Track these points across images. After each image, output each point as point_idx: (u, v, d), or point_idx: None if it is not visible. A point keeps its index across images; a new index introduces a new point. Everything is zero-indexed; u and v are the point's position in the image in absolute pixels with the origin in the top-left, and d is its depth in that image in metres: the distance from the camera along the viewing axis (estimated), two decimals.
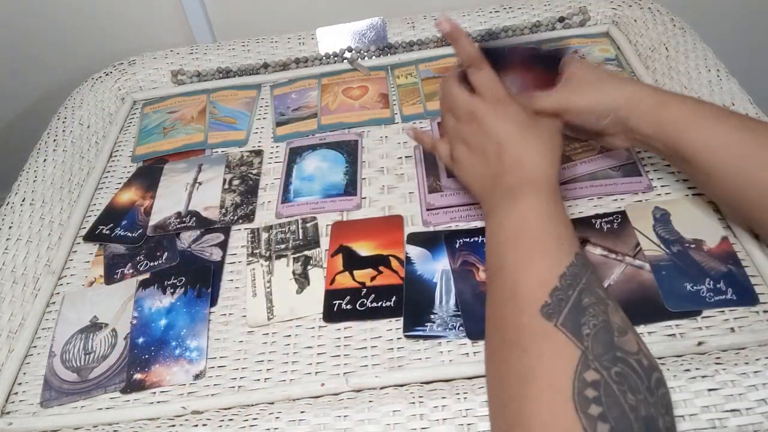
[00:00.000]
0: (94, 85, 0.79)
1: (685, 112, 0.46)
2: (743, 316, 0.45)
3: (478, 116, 0.46)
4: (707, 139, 0.45)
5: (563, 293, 0.37)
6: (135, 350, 0.50)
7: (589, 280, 0.38)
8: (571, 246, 0.40)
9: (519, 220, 0.42)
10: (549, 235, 0.41)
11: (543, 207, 0.42)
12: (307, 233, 0.58)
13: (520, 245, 0.41)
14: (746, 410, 0.39)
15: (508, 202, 0.43)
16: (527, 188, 0.43)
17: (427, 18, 0.79)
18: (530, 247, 0.40)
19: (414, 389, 0.44)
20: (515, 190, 0.43)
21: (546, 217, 0.42)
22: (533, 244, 0.40)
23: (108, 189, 0.67)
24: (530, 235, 0.41)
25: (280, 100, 0.75)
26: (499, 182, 0.45)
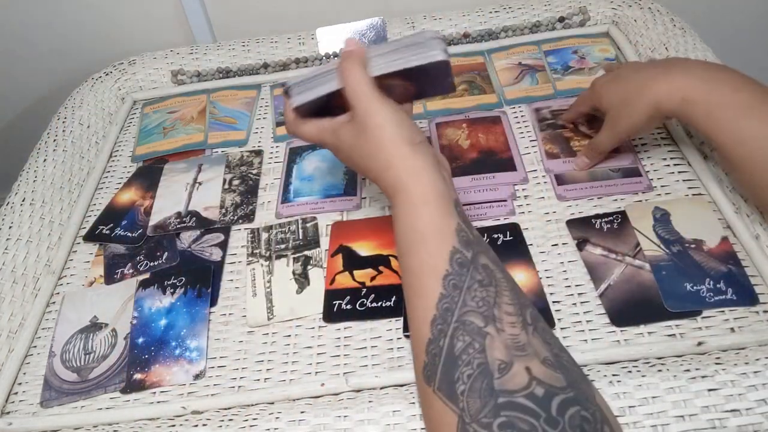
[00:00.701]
0: (94, 85, 0.79)
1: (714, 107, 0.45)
2: (743, 316, 0.45)
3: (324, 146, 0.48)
4: (737, 132, 0.44)
5: (436, 345, 0.34)
6: (135, 350, 0.50)
7: (463, 307, 0.34)
8: (437, 266, 0.36)
9: (397, 242, 0.40)
10: (413, 263, 0.38)
11: (398, 227, 0.40)
12: (307, 233, 0.58)
13: (403, 278, 0.39)
14: (746, 410, 0.39)
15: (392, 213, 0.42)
16: (393, 199, 0.41)
17: (427, 18, 0.79)
18: (406, 285, 0.38)
19: (414, 389, 0.44)
20: (391, 201, 0.42)
21: (404, 242, 0.39)
22: (407, 281, 0.38)
23: (108, 189, 0.67)
24: (405, 266, 0.39)
25: (280, 100, 0.75)
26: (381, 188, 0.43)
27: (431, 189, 0.39)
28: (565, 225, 0.54)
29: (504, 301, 0.34)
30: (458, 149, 0.63)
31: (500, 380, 0.31)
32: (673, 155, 0.58)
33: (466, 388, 0.31)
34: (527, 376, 0.31)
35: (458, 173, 0.60)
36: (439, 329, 0.34)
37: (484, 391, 0.31)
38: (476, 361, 0.32)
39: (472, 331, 0.33)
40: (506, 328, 0.33)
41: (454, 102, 0.69)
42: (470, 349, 0.32)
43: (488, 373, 0.31)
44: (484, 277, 0.35)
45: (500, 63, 0.73)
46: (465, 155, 0.62)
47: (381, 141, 0.41)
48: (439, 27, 0.78)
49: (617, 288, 0.48)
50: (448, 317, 0.34)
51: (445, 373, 0.32)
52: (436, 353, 0.33)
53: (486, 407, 0.30)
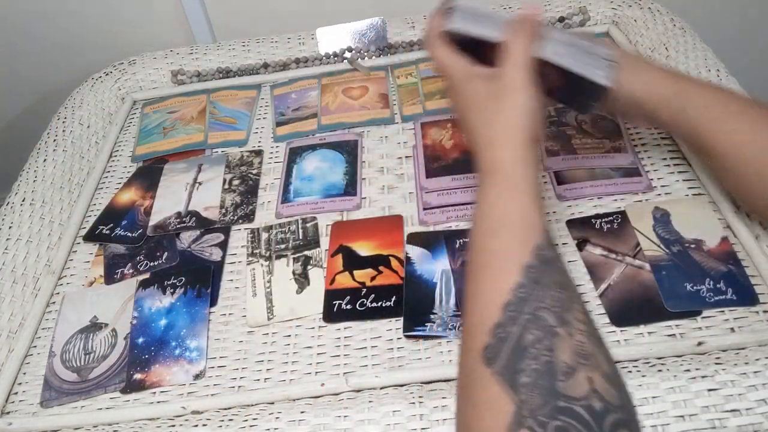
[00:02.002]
0: (94, 85, 0.79)
1: (705, 103, 0.44)
2: (743, 316, 0.45)
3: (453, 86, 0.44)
4: (725, 131, 0.43)
5: (504, 330, 0.33)
6: (135, 350, 0.50)
7: (539, 301, 0.34)
8: (521, 254, 0.36)
9: (478, 219, 0.39)
10: (496, 245, 0.37)
11: (485, 206, 0.39)
12: (307, 233, 0.58)
13: (473, 261, 0.38)
14: (746, 410, 0.39)
15: (478, 189, 0.41)
16: (488, 176, 0.40)
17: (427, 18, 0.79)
18: (480, 264, 0.37)
19: (414, 389, 0.44)
20: (480, 177, 0.41)
21: (488, 221, 0.38)
22: (482, 261, 0.37)
23: (108, 189, 0.67)
24: (481, 246, 0.38)
25: (280, 100, 0.75)
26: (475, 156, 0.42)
27: (532, 185, 0.39)
28: (565, 225, 0.54)
29: (576, 307, 0.34)
30: (441, 149, 0.63)
31: (563, 384, 0.31)
32: (673, 155, 0.58)
33: (530, 382, 0.31)
34: (588, 387, 0.31)
35: (440, 173, 0.60)
36: (510, 315, 0.33)
37: (546, 390, 0.31)
38: (544, 359, 0.32)
39: (544, 328, 0.33)
40: (575, 334, 0.33)
41: None
42: (539, 345, 0.32)
43: (553, 374, 0.31)
44: (561, 280, 0.35)
45: None
46: (447, 155, 0.62)
47: (507, 119, 0.40)
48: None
49: (617, 288, 0.48)
50: (522, 307, 0.33)
51: (511, 360, 0.32)
52: (503, 338, 0.33)
53: (546, 406, 0.30)
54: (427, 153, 0.63)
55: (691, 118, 0.45)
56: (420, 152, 0.63)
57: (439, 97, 0.70)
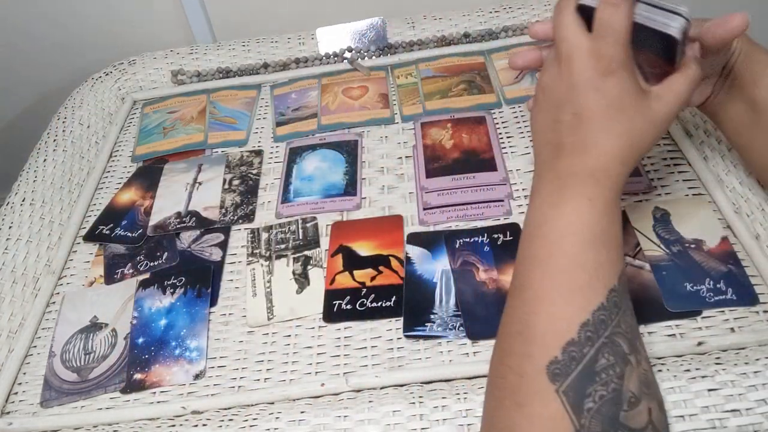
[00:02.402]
0: (94, 85, 0.79)
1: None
2: (743, 316, 0.45)
3: (574, 66, 0.37)
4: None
5: (578, 350, 0.32)
6: (135, 350, 0.50)
7: (617, 326, 0.33)
8: (609, 277, 0.34)
9: (559, 231, 0.36)
10: (586, 263, 0.35)
11: (591, 218, 0.36)
12: (307, 233, 0.58)
13: (549, 268, 0.35)
14: (746, 410, 0.39)
15: (558, 193, 0.37)
16: (581, 186, 0.37)
17: (427, 18, 0.79)
18: (559, 275, 0.35)
19: (414, 389, 0.44)
20: (568, 182, 0.37)
21: (590, 235, 0.35)
22: (563, 274, 0.35)
23: (108, 189, 0.67)
24: (564, 259, 0.35)
25: (280, 100, 0.75)
26: (558, 156, 0.38)
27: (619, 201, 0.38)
28: None
29: (638, 335, 0.35)
30: (441, 149, 0.63)
31: (626, 414, 0.31)
32: (673, 155, 0.58)
33: (594, 408, 0.31)
34: (647, 418, 0.31)
35: (440, 173, 0.60)
36: (587, 336, 0.33)
37: (609, 419, 0.31)
38: (612, 386, 0.31)
39: (618, 354, 0.32)
40: (642, 362, 0.33)
41: (453, 102, 0.69)
42: (611, 371, 0.32)
43: (619, 403, 0.31)
44: (632, 307, 0.36)
45: (500, 63, 0.73)
46: (447, 155, 0.62)
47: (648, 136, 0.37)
48: (439, 27, 0.78)
49: None
50: (600, 330, 0.33)
51: (579, 382, 0.31)
52: (576, 357, 0.32)
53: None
54: (427, 153, 0.63)
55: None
56: (420, 152, 0.63)
57: (439, 97, 0.70)
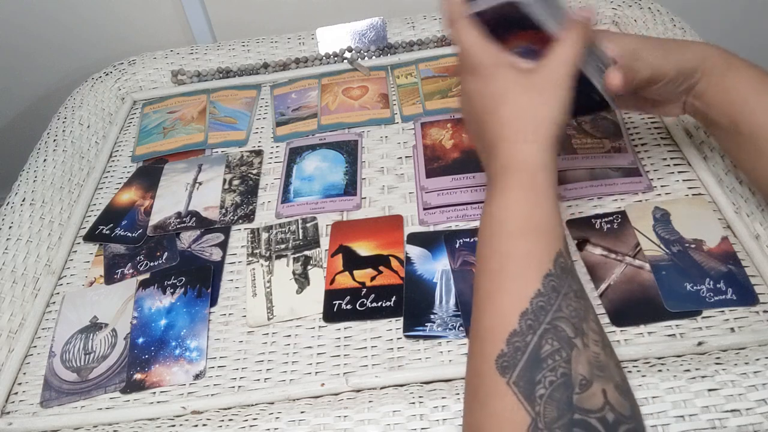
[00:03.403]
0: (94, 85, 0.79)
1: (754, 80, 0.43)
2: (743, 316, 0.45)
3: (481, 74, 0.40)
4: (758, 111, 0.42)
5: (521, 339, 0.33)
6: (135, 350, 0.50)
7: (558, 311, 0.33)
8: (542, 263, 0.35)
9: (490, 229, 0.37)
10: (515, 253, 0.35)
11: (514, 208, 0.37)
12: (307, 233, 0.58)
13: (486, 266, 0.36)
14: (746, 410, 0.39)
15: (494, 187, 0.38)
16: (501, 181, 0.38)
17: (427, 18, 0.79)
18: (495, 271, 0.36)
19: (414, 389, 0.44)
20: (493, 182, 0.39)
21: (513, 226, 0.36)
22: (497, 269, 0.36)
23: (108, 189, 0.67)
24: (496, 255, 0.36)
25: (280, 100, 0.75)
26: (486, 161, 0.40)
27: (555, 190, 0.38)
28: (565, 225, 0.54)
29: (591, 317, 0.34)
30: (441, 149, 0.63)
31: (579, 396, 0.31)
32: (673, 155, 0.58)
33: (546, 394, 0.31)
34: (602, 399, 0.31)
35: (439, 173, 0.60)
36: (528, 324, 0.33)
37: (562, 403, 0.31)
38: (560, 370, 0.32)
39: (562, 339, 0.32)
40: (591, 345, 0.33)
41: (453, 102, 0.69)
42: (557, 356, 0.32)
43: (570, 386, 0.31)
44: (578, 289, 0.35)
45: None
46: (447, 155, 0.62)
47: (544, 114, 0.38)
48: (439, 27, 0.78)
49: (617, 288, 0.48)
50: (540, 316, 0.33)
51: (527, 371, 0.32)
52: (520, 347, 0.32)
53: (561, 419, 0.30)
54: (427, 153, 0.63)
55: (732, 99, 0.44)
56: (420, 152, 0.63)
57: (439, 97, 0.70)
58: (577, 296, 0.34)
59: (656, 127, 0.61)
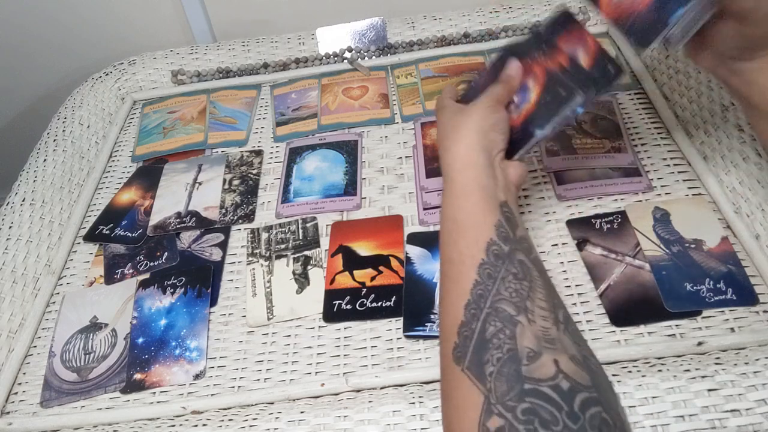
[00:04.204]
0: (94, 85, 0.79)
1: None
2: (743, 316, 0.45)
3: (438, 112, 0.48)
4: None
5: (468, 328, 0.34)
6: (135, 350, 0.50)
7: (497, 295, 0.35)
8: (473, 255, 0.37)
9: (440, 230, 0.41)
10: (450, 253, 0.39)
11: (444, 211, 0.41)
12: (307, 233, 0.58)
13: (441, 266, 0.40)
14: (746, 410, 0.39)
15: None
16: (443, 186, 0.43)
17: (427, 18, 0.79)
18: (444, 271, 0.39)
19: (414, 389, 0.44)
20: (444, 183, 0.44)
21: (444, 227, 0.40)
22: (445, 268, 0.39)
23: (108, 189, 0.67)
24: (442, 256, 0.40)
25: (280, 100, 0.75)
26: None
27: (475, 183, 0.41)
28: (565, 225, 0.54)
29: (537, 296, 0.35)
30: None
31: (528, 367, 0.31)
32: (673, 155, 0.58)
33: (495, 371, 0.32)
34: (554, 368, 0.31)
35: (440, 173, 0.59)
36: (472, 313, 0.35)
37: (511, 376, 0.31)
38: (506, 346, 0.33)
39: (504, 318, 0.34)
40: (538, 320, 0.34)
41: None
42: (501, 335, 0.33)
43: (517, 359, 0.32)
44: (519, 271, 0.36)
45: None
46: None
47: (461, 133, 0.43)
48: (439, 27, 0.78)
49: (617, 288, 0.48)
50: (481, 303, 0.35)
51: (475, 354, 0.33)
52: (468, 335, 0.34)
53: (512, 391, 0.31)
54: (427, 153, 0.63)
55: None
56: (420, 152, 0.63)
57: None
58: (517, 278, 0.36)
59: (656, 127, 0.61)
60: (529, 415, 0.30)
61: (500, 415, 0.30)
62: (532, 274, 0.37)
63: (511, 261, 0.37)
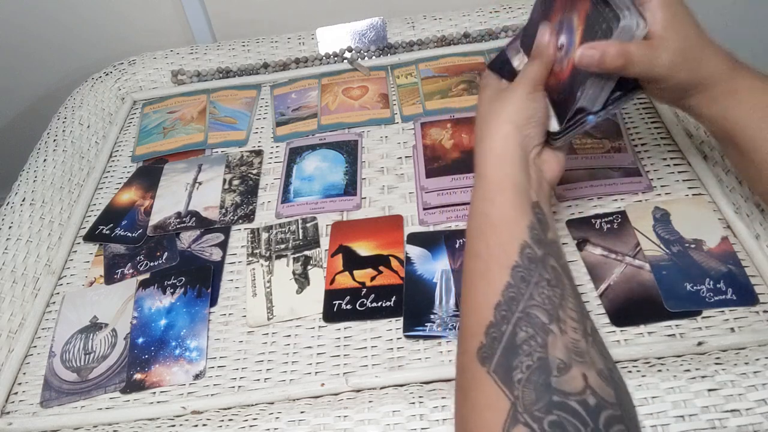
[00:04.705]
0: (94, 85, 0.79)
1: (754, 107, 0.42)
2: (743, 316, 0.45)
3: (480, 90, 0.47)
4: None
5: (497, 329, 0.34)
6: (135, 350, 0.50)
7: (530, 299, 0.34)
8: (507, 257, 0.36)
9: (468, 225, 0.40)
10: (480, 251, 0.38)
11: (474, 209, 0.40)
12: (307, 233, 0.58)
13: (465, 267, 0.39)
14: (746, 410, 0.39)
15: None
16: (475, 180, 0.41)
17: (427, 18, 0.79)
18: (468, 270, 0.38)
19: (414, 389, 0.44)
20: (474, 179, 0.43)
21: (474, 225, 0.39)
22: (470, 268, 0.38)
23: (108, 189, 0.67)
24: (467, 256, 0.39)
25: (280, 100, 0.75)
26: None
27: (510, 180, 0.39)
28: (565, 225, 0.54)
29: (568, 305, 0.35)
30: (441, 149, 0.63)
31: (557, 379, 0.31)
32: (673, 155, 0.58)
33: (524, 378, 0.31)
34: (583, 383, 0.31)
35: (440, 173, 0.60)
36: (502, 315, 0.34)
37: (540, 386, 0.31)
38: (537, 355, 0.32)
39: (536, 325, 0.33)
40: (569, 331, 0.33)
41: (453, 102, 0.69)
42: (532, 342, 0.32)
43: (547, 370, 0.31)
44: (552, 277, 0.36)
45: None
46: (447, 155, 0.62)
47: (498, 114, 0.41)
48: (439, 27, 0.78)
49: (617, 288, 0.48)
50: (513, 306, 0.34)
51: (504, 358, 0.32)
52: (497, 337, 0.33)
53: (540, 401, 0.30)
54: (427, 153, 0.63)
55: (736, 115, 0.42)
56: (420, 152, 0.63)
57: (439, 97, 0.70)
58: (550, 285, 0.35)
59: (656, 127, 0.61)
60: (555, 428, 0.29)
61: (526, 425, 0.30)
62: (563, 281, 0.36)
63: (545, 266, 0.36)
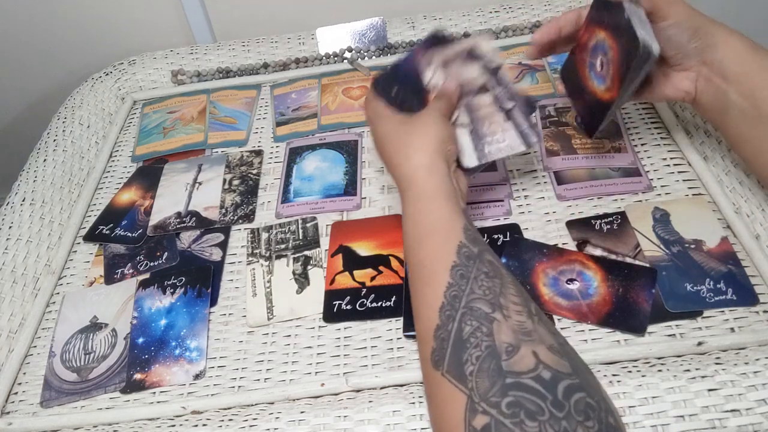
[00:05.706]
0: (94, 85, 0.79)
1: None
2: (743, 316, 0.45)
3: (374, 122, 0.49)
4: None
5: (444, 330, 0.35)
6: (135, 350, 0.50)
7: (470, 294, 0.35)
8: (445, 258, 0.38)
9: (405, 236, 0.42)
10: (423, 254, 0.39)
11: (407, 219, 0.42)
12: (307, 233, 0.58)
13: (410, 270, 0.40)
14: (746, 410, 0.39)
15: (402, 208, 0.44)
16: (405, 193, 0.44)
17: (427, 18, 0.79)
18: (413, 279, 0.40)
19: (414, 389, 0.44)
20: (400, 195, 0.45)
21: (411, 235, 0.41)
22: (414, 276, 0.40)
23: (108, 189, 0.67)
24: (411, 260, 0.40)
25: (280, 100, 0.75)
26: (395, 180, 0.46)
27: (442, 188, 0.42)
28: (564, 225, 0.54)
29: (509, 291, 0.36)
30: None
31: (508, 362, 0.32)
32: (673, 155, 0.58)
33: (475, 369, 0.32)
34: (534, 360, 0.32)
35: None
36: (447, 315, 0.35)
37: (492, 372, 0.32)
38: (484, 344, 0.33)
39: (480, 316, 0.34)
40: (513, 315, 0.34)
41: None
42: (478, 333, 0.33)
43: (496, 355, 0.32)
44: (489, 270, 0.37)
45: None
46: None
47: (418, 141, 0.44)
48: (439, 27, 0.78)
49: None
50: (455, 304, 0.35)
51: (454, 356, 0.33)
52: (444, 338, 0.34)
53: (494, 387, 0.31)
54: None
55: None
56: None
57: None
58: (489, 276, 0.36)
59: (656, 127, 0.61)
60: (514, 408, 0.30)
61: (485, 413, 0.30)
62: (501, 272, 0.37)
63: (482, 261, 0.37)
